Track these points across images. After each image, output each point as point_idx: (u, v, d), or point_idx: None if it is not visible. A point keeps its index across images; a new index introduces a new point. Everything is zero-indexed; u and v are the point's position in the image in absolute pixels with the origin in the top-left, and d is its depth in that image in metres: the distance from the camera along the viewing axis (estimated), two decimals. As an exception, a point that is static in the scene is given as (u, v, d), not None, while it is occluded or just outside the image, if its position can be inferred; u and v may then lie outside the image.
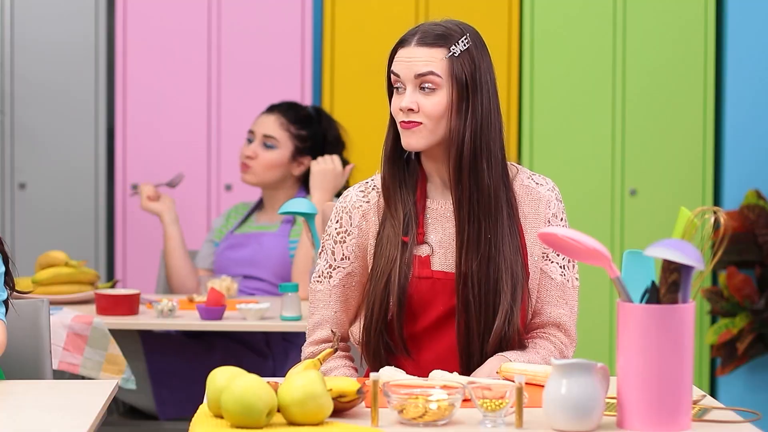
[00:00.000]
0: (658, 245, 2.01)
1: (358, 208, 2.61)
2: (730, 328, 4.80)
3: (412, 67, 2.56)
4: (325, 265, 2.63)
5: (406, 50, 2.59)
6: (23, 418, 2.14)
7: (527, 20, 4.99)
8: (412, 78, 2.56)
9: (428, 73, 2.55)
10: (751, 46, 4.95)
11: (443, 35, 2.57)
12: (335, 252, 2.61)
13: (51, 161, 5.02)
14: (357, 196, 2.63)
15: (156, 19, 5.00)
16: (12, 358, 2.68)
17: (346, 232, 2.61)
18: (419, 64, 2.56)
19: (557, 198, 2.63)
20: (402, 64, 2.58)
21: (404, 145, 2.58)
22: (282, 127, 4.14)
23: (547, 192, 2.62)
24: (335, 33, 5.04)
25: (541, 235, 2.16)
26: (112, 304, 3.60)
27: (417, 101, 2.55)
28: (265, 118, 4.17)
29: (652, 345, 2.01)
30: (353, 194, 2.63)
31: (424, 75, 2.55)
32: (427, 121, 2.55)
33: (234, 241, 4.19)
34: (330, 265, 2.61)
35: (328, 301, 2.61)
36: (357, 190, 2.64)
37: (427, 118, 2.55)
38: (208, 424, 2.07)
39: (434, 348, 2.53)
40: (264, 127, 4.15)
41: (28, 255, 4.77)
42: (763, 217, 4.82)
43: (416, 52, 2.57)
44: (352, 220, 2.60)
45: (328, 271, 2.62)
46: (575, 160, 4.98)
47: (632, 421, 2.04)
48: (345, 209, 2.62)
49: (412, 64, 2.56)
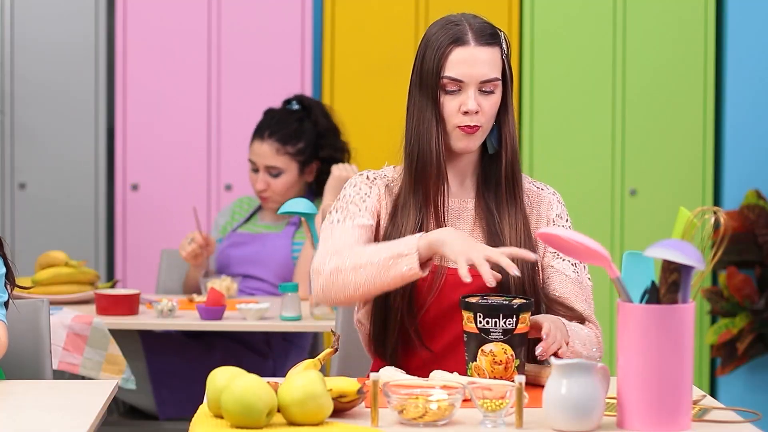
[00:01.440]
0: (658, 245, 2.01)
1: (375, 183, 2.57)
2: (730, 328, 4.80)
3: (478, 71, 2.48)
4: (340, 214, 2.52)
5: (465, 50, 2.49)
6: (23, 418, 2.14)
7: (527, 20, 4.99)
8: (476, 82, 2.49)
9: (494, 79, 2.50)
10: (751, 46, 4.95)
11: (495, 33, 2.53)
12: (357, 205, 2.52)
13: (51, 161, 5.02)
14: (371, 175, 2.58)
15: (156, 19, 5.00)
16: (12, 358, 2.68)
17: (366, 194, 2.54)
18: (485, 67, 2.49)
19: (559, 201, 2.64)
20: (465, 68, 2.48)
21: (462, 147, 2.51)
22: (279, 153, 4.12)
23: (549, 195, 2.63)
24: (335, 33, 5.04)
25: (541, 235, 2.16)
26: (112, 304, 3.60)
27: (479, 103, 2.49)
28: (260, 149, 4.13)
29: (652, 345, 2.01)
30: (367, 173, 2.59)
31: (490, 80, 2.50)
32: (485, 122, 2.51)
33: (237, 239, 4.20)
34: (350, 211, 2.52)
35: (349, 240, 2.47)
36: (372, 173, 2.59)
37: (486, 119, 2.51)
38: (208, 424, 2.07)
39: (446, 335, 2.51)
40: (264, 159, 4.13)
41: (28, 255, 4.77)
42: (763, 217, 4.82)
43: (479, 53, 2.49)
44: (371, 189, 2.55)
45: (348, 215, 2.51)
46: (575, 160, 4.98)
47: (632, 421, 2.04)
48: (362, 181, 2.57)
49: (477, 68, 2.48)
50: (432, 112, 2.50)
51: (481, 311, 2.30)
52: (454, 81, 2.49)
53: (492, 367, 2.30)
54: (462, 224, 2.57)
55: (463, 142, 2.51)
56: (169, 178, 5.00)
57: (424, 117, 2.51)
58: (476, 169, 2.60)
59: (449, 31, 2.50)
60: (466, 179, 2.60)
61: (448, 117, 2.51)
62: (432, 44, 2.51)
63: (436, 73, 2.49)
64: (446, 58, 2.49)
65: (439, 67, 2.49)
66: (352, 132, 4.44)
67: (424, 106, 2.51)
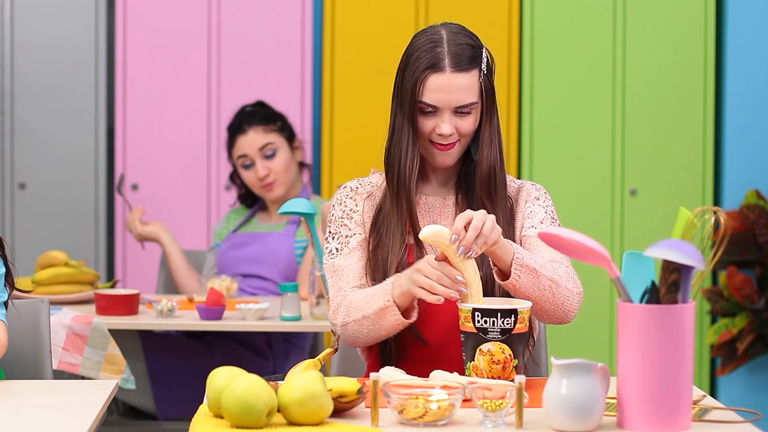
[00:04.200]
0: (658, 245, 2.01)
1: (358, 193, 2.64)
2: (730, 328, 4.80)
3: (453, 98, 2.53)
4: (337, 242, 2.61)
5: (440, 77, 2.53)
6: (23, 418, 2.14)
7: (527, 20, 4.99)
8: (451, 108, 2.54)
9: (470, 104, 2.54)
10: (751, 46, 4.95)
11: (473, 56, 2.55)
12: (348, 225, 2.61)
13: (51, 161, 5.02)
14: (355, 185, 2.66)
15: (156, 19, 5.00)
16: (12, 358, 2.68)
17: (352, 210, 2.62)
18: (460, 94, 2.53)
19: (538, 189, 2.66)
20: (440, 95, 2.53)
21: (438, 163, 2.59)
22: (267, 131, 4.18)
23: (528, 186, 2.67)
24: (335, 33, 5.04)
25: (541, 235, 2.16)
26: (111, 304, 3.60)
27: (455, 125, 2.55)
28: (246, 139, 4.19)
29: (652, 345, 2.01)
30: (351, 185, 2.67)
31: (465, 106, 2.54)
32: (462, 138, 2.57)
33: (237, 240, 4.20)
34: (345, 235, 2.60)
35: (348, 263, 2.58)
36: (355, 183, 2.67)
37: (463, 137, 2.57)
38: (208, 424, 2.07)
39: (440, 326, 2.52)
40: (255, 143, 4.17)
41: (28, 255, 4.77)
42: (763, 217, 4.82)
43: (454, 80, 2.52)
44: (356, 203, 2.63)
45: (345, 240, 2.60)
46: (575, 160, 4.98)
47: (632, 421, 2.04)
48: (348, 195, 2.64)
49: (452, 95, 2.52)
50: (408, 129, 2.57)
51: (479, 310, 2.30)
52: (429, 105, 2.54)
53: (490, 366, 2.30)
54: (444, 221, 2.62)
55: (440, 158, 2.59)
56: (169, 178, 5.00)
57: (402, 132, 2.58)
58: (458, 170, 2.65)
59: (428, 54, 2.53)
60: (448, 179, 2.66)
61: (424, 134, 2.57)
62: (411, 66, 2.55)
63: (412, 96, 2.54)
64: (422, 84, 2.53)
65: (415, 91, 2.54)
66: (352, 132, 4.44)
67: (401, 122, 2.58)
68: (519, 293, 2.42)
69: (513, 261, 2.39)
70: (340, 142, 4.97)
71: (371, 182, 2.67)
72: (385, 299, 2.43)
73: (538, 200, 2.63)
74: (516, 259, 2.39)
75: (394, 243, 2.56)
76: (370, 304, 2.46)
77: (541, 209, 2.62)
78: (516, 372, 2.32)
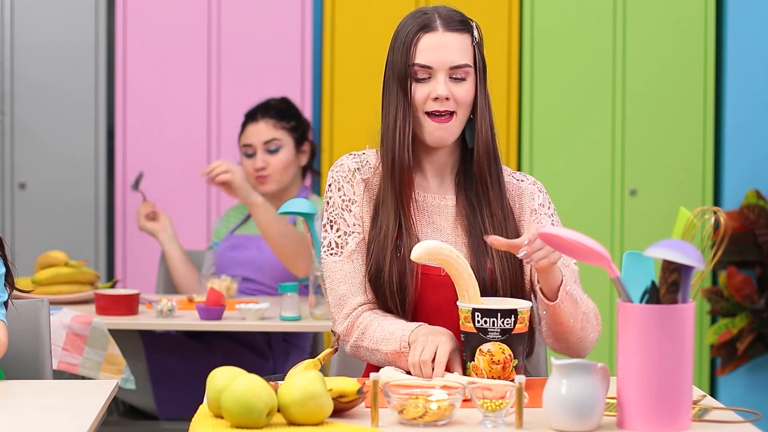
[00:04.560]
0: (658, 245, 2.01)
1: (355, 177, 2.57)
2: (730, 328, 4.80)
3: (447, 57, 2.48)
4: (336, 235, 2.54)
5: (433, 36, 2.49)
6: (23, 418, 2.14)
7: (527, 20, 4.99)
8: (446, 68, 2.49)
9: (464, 65, 2.50)
10: (751, 46, 4.95)
11: (464, 21, 2.52)
12: (346, 219, 2.55)
13: (51, 161, 5.02)
14: (352, 165, 2.58)
15: (156, 19, 5.00)
16: (12, 358, 2.68)
17: (350, 201, 2.56)
18: (454, 53, 2.48)
19: (540, 190, 2.61)
20: (434, 53, 2.48)
21: (436, 139, 2.51)
22: (276, 127, 4.16)
23: (529, 185, 2.61)
24: (335, 33, 5.04)
25: (541, 235, 2.16)
26: (111, 304, 3.60)
27: (451, 91, 2.49)
28: (256, 127, 4.17)
29: (652, 345, 2.01)
30: (348, 163, 2.58)
31: (460, 67, 2.49)
32: (459, 110, 2.50)
33: (235, 241, 4.20)
34: (345, 232, 2.54)
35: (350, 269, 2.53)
36: (351, 161, 2.59)
37: (460, 108, 2.50)
38: (208, 424, 2.07)
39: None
40: (261, 135, 4.15)
41: (28, 255, 4.77)
42: (763, 217, 4.82)
43: (447, 39, 2.48)
44: (354, 189, 2.56)
45: (344, 238, 2.54)
46: (575, 160, 4.98)
47: (632, 421, 2.04)
48: (345, 178, 2.57)
49: (446, 54, 2.48)
50: (402, 101, 2.50)
51: (479, 311, 2.30)
52: (423, 68, 2.49)
53: (490, 366, 2.30)
54: (443, 221, 2.57)
55: (437, 132, 2.50)
56: (169, 178, 5.00)
57: (395, 107, 2.51)
58: (456, 166, 2.59)
59: (417, 20, 2.51)
60: (445, 176, 2.59)
61: (419, 104, 2.50)
62: (401, 34, 2.52)
63: (405, 61, 2.50)
64: (415, 46, 2.49)
65: (408, 55, 2.49)
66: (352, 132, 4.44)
67: (395, 96, 2.51)
68: (556, 317, 2.41)
69: (561, 286, 2.38)
70: (340, 142, 4.97)
71: (368, 162, 2.59)
72: (402, 345, 2.42)
73: (543, 207, 2.59)
74: (564, 284, 2.39)
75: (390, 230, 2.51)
76: (386, 342, 2.45)
77: (547, 219, 2.58)
78: (516, 372, 2.32)
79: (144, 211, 4.24)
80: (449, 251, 2.32)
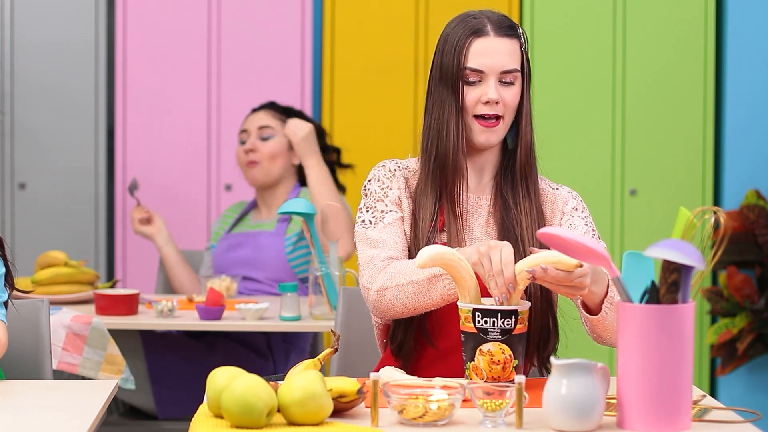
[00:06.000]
0: (658, 245, 2.01)
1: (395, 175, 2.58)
2: (730, 328, 4.80)
3: (498, 61, 2.51)
4: (370, 215, 2.55)
5: (485, 41, 2.51)
6: (23, 418, 2.14)
7: (527, 20, 4.99)
8: (497, 73, 2.51)
9: (514, 70, 2.53)
10: (751, 46, 4.95)
11: (513, 26, 2.55)
12: (384, 201, 2.55)
13: (51, 161, 5.02)
14: (393, 167, 2.60)
15: (156, 19, 5.00)
16: (12, 358, 2.68)
17: (388, 188, 2.57)
18: (505, 58, 2.51)
19: (575, 197, 2.65)
20: (486, 58, 2.50)
21: (483, 141, 2.54)
22: (274, 117, 4.20)
23: (564, 193, 2.65)
24: (335, 33, 5.04)
25: (541, 235, 2.16)
26: (111, 304, 3.60)
27: (500, 94, 2.52)
28: (255, 115, 4.24)
29: (652, 345, 2.01)
30: (389, 165, 2.61)
31: (510, 71, 2.52)
32: (506, 114, 2.54)
33: (232, 241, 4.20)
34: (381, 210, 2.55)
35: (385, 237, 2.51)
36: (392, 163, 2.61)
37: (507, 111, 2.54)
38: (208, 424, 2.07)
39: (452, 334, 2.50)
40: (257, 121, 4.19)
41: (28, 255, 4.77)
42: (763, 217, 4.82)
43: (498, 44, 2.51)
44: (392, 183, 2.57)
45: (380, 215, 2.54)
46: (575, 160, 4.98)
47: (632, 421, 2.03)
48: (384, 174, 2.59)
49: (497, 59, 2.50)
50: (452, 105, 2.52)
51: (480, 311, 2.30)
52: (474, 72, 2.51)
53: (490, 366, 2.29)
54: (476, 220, 2.59)
55: (484, 135, 2.54)
56: (169, 178, 5.00)
57: (444, 110, 2.53)
58: (495, 166, 2.62)
59: (468, 24, 2.53)
60: (484, 176, 2.62)
61: (469, 107, 2.53)
62: (451, 38, 2.53)
63: (457, 64, 2.51)
64: (467, 50, 2.51)
65: (460, 58, 2.51)
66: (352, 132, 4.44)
67: (444, 100, 2.53)
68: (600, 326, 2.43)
69: (605, 300, 2.39)
70: (339, 142, 4.97)
71: (408, 167, 2.62)
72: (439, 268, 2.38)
73: (576, 210, 2.61)
74: (608, 298, 2.39)
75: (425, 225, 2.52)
76: (420, 271, 2.39)
77: (581, 221, 2.60)
78: (516, 372, 2.32)
79: (137, 215, 4.25)
80: (451, 254, 2.32)
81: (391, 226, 2.54)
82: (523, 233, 2.53)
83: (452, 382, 2.18)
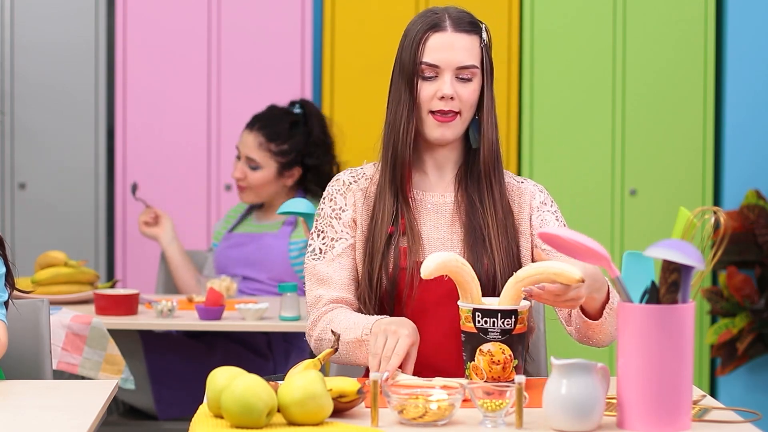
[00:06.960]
0: (658, 245, 2.01)
1: (350, 189, 2.60)
2: (730, 328, 4.80)
3: (454, 57, 2.51)
4: (321, 242, 2.58)
5: (442, 36, 2.52)
6: (23, 418, 2.14)
7: (527, 20, 4.99)
8: (452, 68, 2.51)
9: (471, 66, 2.52)
10: (751, 46, 4.95)
11: (474, 22, 2.55)
12: (334, 227, 2.58)
13: (51, 161, 5.02)
14: (348, 179, 2.61)
15: (156, 19, 5.00)
16: (12, 358, 2.68)
17: (341, 209, 2.59)
18: (461, 53, 2.51)
19: (541, 191, 2.63)
20: (442, 53, 2.51)
21: (438, 136, 2.54)
22: (261, 148, 4.15)
23: (530, 186, 2.63)
24: (335, 33, 5.04)
25: (541, 235, 2.16)
26: (111, 304, 3.60)
27: (456, 91, 2.52)
28: (246, 138, 4.19)
29: (652, 345, 2.01)
30: (344, 178, 2.62)
31: (467, 67, 2.52)
32: (463, 110, 2.53)
33: (234, 240, 4.20)
34: (332, 238, 2.57)
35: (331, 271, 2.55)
36: (347, 175, 2.63)
37: (464, 107, 2.53)
38: (208, 424, 2.07)
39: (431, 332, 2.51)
40: (246, 149, 4.18)
41: (28, 255, 4.77)
42: (763, 217, 4.82)
43: (456, 39, 2.51)
44: (346, 200, 2.59)
45: (329, 244, 2.57)
46: (575, 160, 4.98)
47: (632, 421, 2.03)
48: (338, 191, 2.60)
49: (453, 54, 2.51)
50: (408, 100, 2.53)
51: (480, 311, 2.30)
52: (430, 66, 2.52)
53: (490, 367, 2.30)
54: (441, 219, 2.59)
55: (439, 130, 2.54)
56: (169, 178, 5.00)
57: (400, 103, 2.55)
58: (458, 164, 2.62)
59: (427, 19, 2.54)
60: (446, 173, 2.62)
61: (423, 102, 2.53)
62: (410, 32, 2.55)
63: (413, 59, 2.52)
64: (424, 44, 2.52)
65: (417, 53, 2.52)
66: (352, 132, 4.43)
67: (401, 93, 2.55)
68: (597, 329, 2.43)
69: (607, 306, 2.39)
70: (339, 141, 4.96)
71: (365, 174, 2.63)
72: (364, 332, 2.42)
73: (545, 205, 2.60)
74: (609, 303, 2.39)
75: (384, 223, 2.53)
76: (349, 331, 2.45)
77: (551, 216, 2.60)
78: (516, 372, 2.32)
79: (143, 218, 4.26)
80: (455, 260, 2.32)
81: (339, 258, 2.56)
82: (489, 233, 2.53)
83: (452, 382, 2.18)
